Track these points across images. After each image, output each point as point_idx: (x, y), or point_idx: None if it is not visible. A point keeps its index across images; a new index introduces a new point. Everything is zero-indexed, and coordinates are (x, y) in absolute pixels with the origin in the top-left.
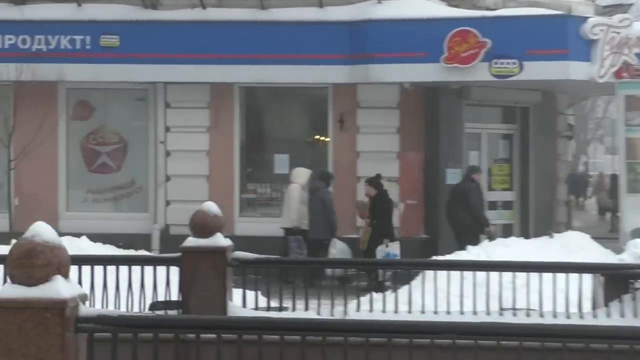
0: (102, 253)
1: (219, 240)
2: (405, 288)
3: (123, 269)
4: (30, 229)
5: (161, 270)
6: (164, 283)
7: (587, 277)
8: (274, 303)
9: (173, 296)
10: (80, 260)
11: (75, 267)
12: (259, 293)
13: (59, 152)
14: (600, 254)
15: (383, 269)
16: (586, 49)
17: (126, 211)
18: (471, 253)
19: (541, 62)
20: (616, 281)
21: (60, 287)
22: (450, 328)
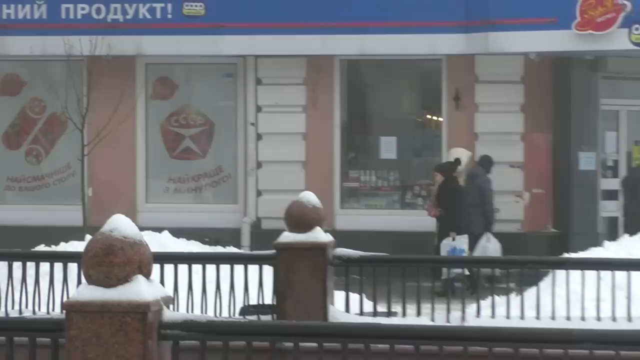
0: (186, 250)
1: (319, 235)
2: (532, 290)
3: (210, 268)
4: (108, 223)
5: (253, 269)
6: (256, 284)
7: None
8: (381, 307)
9: (266, 299)
10: (162, 258)
11: (157, 266)
12: (364, 296)
13: (137, 136)
14: None
15: (491, 267)
16: None
17: (212, 202)
18: (608, 250)
19: None
20: None
21: (141, 289)
22: (586, 337)
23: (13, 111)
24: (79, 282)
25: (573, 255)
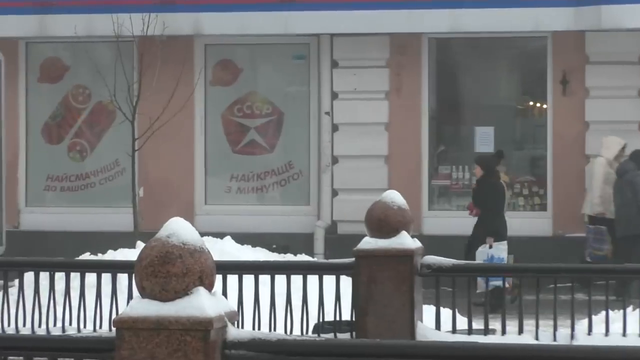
0: (252, 258)
1: (405, 240)
2: None
3: (279, 279)
4: (164, 227)
5: (329, 280)
6: (333, 297)
7: None
8: (478, 324)
9: (344, 314)
10: (225, 267)
11: (219, 277)
12: (457, 311)
13: (195, 128)
14: None
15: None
16: None
17: (281, 204)
18: None
19: None
20: None
21: (203, 303)
22: None
23: (54, 100)
24: (131, 296)
25: None
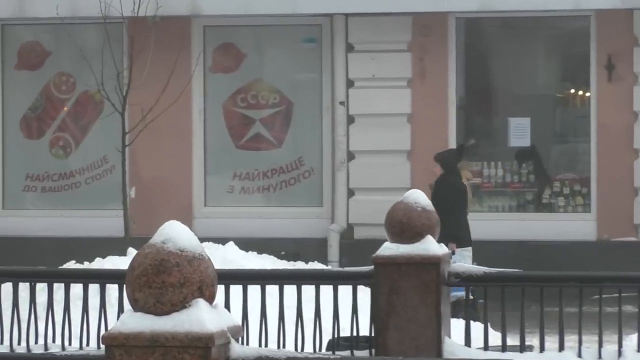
0: (257, 266)
1: (430, 246)
2: None
3: (289, 290)
4: (159, 232)
5: (344, 291)
6: (349, 310)
7: None
8: (512, 340)
9: (362, 329)
10: (227, 276)
11: (221, 287)
12: (490, 325)
13: (194, 120)
14: None
15: None
16: None
17: (290, 205)
18: None
19: None
20: None
21: (203, 316)
22: None
23: (34, 90)
24: (122, 309)
25: None
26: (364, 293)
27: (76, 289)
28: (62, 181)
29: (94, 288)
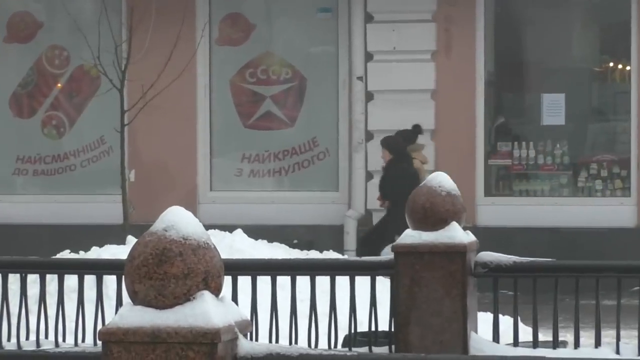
0: (268, 255)
1: (456, 233)
2: None
3: (302, 281)
4: (161, 219)
5: (362, 282)
6: (367, 303)
7: None
8: (545, 335)
9: (381, 323)
10: (235, 267)
11: (228, 278)
12: (520, 319)
13: (198, 97)
14: None
15: None
16: None
17: (304, 189)
18: None
19: None
20: None
21: (208, 310)
22: None
23: (24, 65)
24: (120, 302)
25: None
26: (383, 285)
27: (71, 281)
28: (56, 164)
29: (90, 279)
